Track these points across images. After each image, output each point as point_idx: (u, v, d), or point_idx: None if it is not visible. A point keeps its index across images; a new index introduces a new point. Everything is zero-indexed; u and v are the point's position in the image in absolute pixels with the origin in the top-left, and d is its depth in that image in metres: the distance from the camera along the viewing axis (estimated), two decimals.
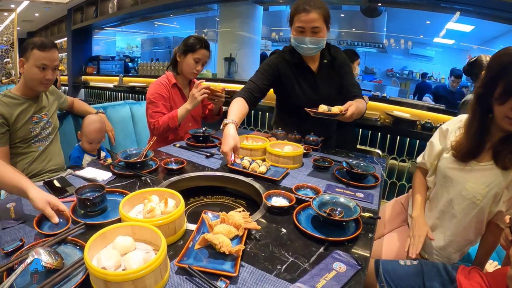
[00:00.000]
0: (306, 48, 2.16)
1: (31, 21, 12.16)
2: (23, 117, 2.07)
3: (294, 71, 2.30)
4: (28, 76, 2.06)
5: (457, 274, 1.37)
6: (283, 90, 2.36)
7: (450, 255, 1.64)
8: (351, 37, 8.79)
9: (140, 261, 0.87)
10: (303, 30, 2.10)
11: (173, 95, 2.60)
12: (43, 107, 2.22)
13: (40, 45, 2.01)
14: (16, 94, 2.09)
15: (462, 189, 1.56)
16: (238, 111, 1.98)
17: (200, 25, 10.15)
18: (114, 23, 10.16)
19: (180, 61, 2.58)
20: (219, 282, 0.90)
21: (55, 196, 1.28)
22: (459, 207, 1.58)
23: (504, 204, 1.48)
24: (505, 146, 1.44)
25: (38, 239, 1.07)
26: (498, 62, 1.39)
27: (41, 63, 2.02)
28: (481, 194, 1.49)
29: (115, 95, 7.90)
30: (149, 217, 1.08)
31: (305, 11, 2.05)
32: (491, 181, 1.47)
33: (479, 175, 1.51)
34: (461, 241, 1.62)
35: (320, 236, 1.16)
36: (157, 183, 1.57)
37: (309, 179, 1.76)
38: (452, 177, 1.61)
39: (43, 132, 2.20)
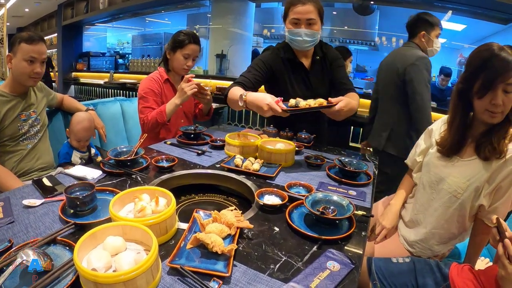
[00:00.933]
0: (301, 41, 2.14)
1: (21, 16, 12.06)
2: (11, 114, 2.03)
3: (287, 67, 2.28)
4: (17, 71, 2.02)
5: (450, 271, 1.38)
6: (276, 87, 2.31)
7: (432, 247, 1.65)
8: (343, 34, 8.80)
9: (131, 262, 0.85)
10: (298, 21, 2.10)
11: (165, 91, 2.58)
12: (32, 104, 2.18)
13: (28, 38, 1.99)
14: (4, 91, 2.05)
15: (444, 183, 1.59)
16: (240, 90, 1.95)
17: (192, 21, 10.12)
18: (105, 19, 10.12)
19: (170, 58, 2.55)
20: (211, 283, 0.89)
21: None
22: (440, 201, 1.61)
23: (485, 198, 1.49)
24: (487, 138, 1.46)
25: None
26: (478, 57, 1.41)
27: (29, 56, 1.99)
28: (462, 188, 1.51)
29: (105, 91, 7.84)
30: (140, 217, 1.06)
31: (301, 2, 2.07)
32: (472, 175, 1.49)
33: (461, 169, 1.54)
34: (444, 234, 1.63)
35: (313, 235, 1.15)
36: (148, 181, 1.56)
37: (301, 176, 1.75)
38: (435, 172, 1.64)
39: (31, 129, 2.16)
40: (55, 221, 1.19)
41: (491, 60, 1.35)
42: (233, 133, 2.09)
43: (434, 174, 1.65)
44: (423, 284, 1.38)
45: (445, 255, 1.74)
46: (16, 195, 1.38)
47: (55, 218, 1.21)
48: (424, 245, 1.66)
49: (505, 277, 1.09)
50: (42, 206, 1.29)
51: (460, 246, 1.87)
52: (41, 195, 1.39)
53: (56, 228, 1.13)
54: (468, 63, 1.47)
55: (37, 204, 1.29)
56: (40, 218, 1.21)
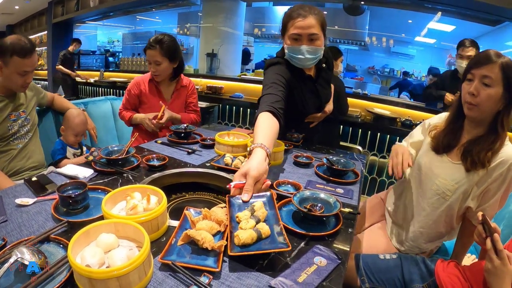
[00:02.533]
0: (303, 59, 1.98)
1: (11, 13, 11.93)
2: (0, 115, 2.02)
3: (297, 79, 2.11)
4: (9, 81, 2.00)
5: (435, 267, 1.42)
6: (288, 99, 1.92)
7: (420, 245, 1.70)
8: (334, 34, 8.83)
9: (124, 258, 0.88)
10: (299, 37, 1.93)
11: (148, 90, 2.66)
12: (21, 104, 2.16)
13: (20, 51, 1.92)
14: None
15: (432, 184, 1.64)
16: (267, 128, 1.52)
17: (183, 20, 10.09)
18: (95, 16, 10.04)
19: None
20: (202, 278, 0.91)
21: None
22: (429, 201, 1.65)
23: (473, 201, 1.54)
24: (472, 148, 1.51)
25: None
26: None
27: (22, 71, 1.97)
28: (450, 191, 1.56)
29: (95, 90, 7.79)
30: (132, 214, 1.09)
31: (301, 16, 1.89)
32: (460, 178, 1.54)
33: (450, 172, 1.58)
34: (432, 233, 1.68)
35: (301, 231, 1.18)
36: (139, 180, 1.57)
37: (290, 175, 1.78)
38: (426, 172, 1.69)
39: (21, 129, 2.15)
40: (48, 220, 1.20)
41: (478, 55, 1.48)
42: (223, 132, 2.11)
43: (425, 174, 1.69)
44: (410, 279, 1.42)
45: (433, 251, 1.78)
46: (8, 194, 1.39)
47: (47, 216, 1.23)
48: (412, 243, 1.70)
49: (491, 270, 1.13)
50: (35, 205, 1.30)
51: (447, 243, 1.92)
52: (34, 194, 1.40)
53: (49, 227, 1.14)
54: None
55: (29, 203, 1.30)
56: (33, 216, 1.22)
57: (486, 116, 1.49)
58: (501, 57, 1.41)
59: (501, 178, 1.46)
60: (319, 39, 1.94)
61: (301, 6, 1.92)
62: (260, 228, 1.03)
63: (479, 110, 1.47)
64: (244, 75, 6.46)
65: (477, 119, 1.52)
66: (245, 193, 1.18)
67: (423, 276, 1.42)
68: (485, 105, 1.45)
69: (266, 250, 0.97)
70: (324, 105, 2.31)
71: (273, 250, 0.98)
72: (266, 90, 1.82)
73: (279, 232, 1.03)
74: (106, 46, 12.83)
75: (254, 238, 0.99)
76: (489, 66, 1.41)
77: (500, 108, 1.45)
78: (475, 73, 1.46)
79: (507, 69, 1.39)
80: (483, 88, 1.43)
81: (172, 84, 2.75)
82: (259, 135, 1.44)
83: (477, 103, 1.45)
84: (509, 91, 1.40)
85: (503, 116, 1.46)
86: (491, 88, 1.41)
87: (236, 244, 0.98)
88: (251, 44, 10.43)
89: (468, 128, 1.59)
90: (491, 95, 1.42)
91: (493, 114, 1.48)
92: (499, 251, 1.11)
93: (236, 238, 0.98)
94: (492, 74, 1.40)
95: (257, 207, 1.13)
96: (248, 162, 1.27)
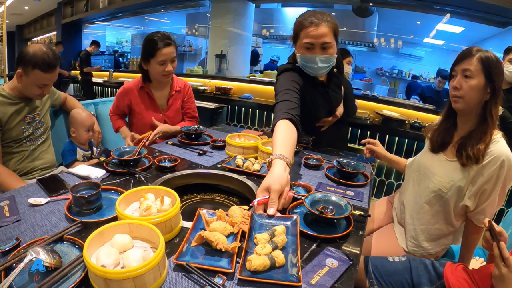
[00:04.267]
0: (316, 68, 1.95)
1: (21, 14, 12.02)
2: (16, 117, 2.02)
3: (310, 85, 2.09)
4: (27, 90, 1.99)
5: (444, 270, 1.41)
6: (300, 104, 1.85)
7: (422, 243, 1.70)
8: (342, 36, 8.80)
9: (139, 258, 0.88)
10: (312, 46, 1.89)
11: (139, 99, 2.49)
12: (36, 107, 2.16)
13: (43, 65, 1.89)
14: (10, 93, 2.01)
15: (429, 182, 1.67)
16: (286, 138, 1.49)
17: (191, 20, 10.13)
18: (104, 17, 10.11)
19: (146, 69, 2.40)
20: (216, 279, 0.92)
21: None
22: (426, 198, 1.69)
23: (469, 200, 1.56)
24: (466, 144, 1.55)
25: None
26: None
27: (42, 84, 1.96)
28: (446, 188, 1.60)
29: (105, 90, 7.84)
30: (146, 215, 1.10)
31: (314, 24, 1.83)
32: (455, 176, 1.58)
33: (446, 170, 1.62)
34: (432, 231, 1.69)
35: (313, 233, 1.19)
36: (151, 181, 1.58)
37: (300, 177, 1.79)
38: (424, 171, 1.74)
39: (35, 132, 2.16)
40: (61, 220, 1.21)
41: (460, 53, 1.57)
42: (234, 134, 2.11)
43: (423, 173, 1.74)
44: (418, 282, 1.42)
45: (440, 254, 1.77)
46: (21, 193, 1.40)
47: (61, 216, 1.24)
48: (414, 242, 1.71)
49: (499, 277, 1.13)
50: (48, 205, 1.32)
51: (455, 247, 1.91)
52: (46, 194, 1.41)
53: (62, 227, 1.16)
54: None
55: (42, 203, 1.32)
56: (46, 216, 1.23)
57: (472, 107, 1.55)
58: (480, 51, 1.50)
59: (495, 176, 1.48)
60: (332, 47, 1.91)
61: (313, 13, 1.89)
62: (275, 256, 0.99)
63: (465, 101, 1.54)
64: (253, 76, 6.46)
65: (464, 111, 1.58)
66: (270, 207, 1.16)
67: (432, 279, 1.42)
68: (469, 96, 1.52)
69: (276, 281, 0.94)
70: (334, 109, 2.31)
71: (283, 282, 0.93)
72: (282, 96, 1.78)
73: (294, 264, 1.00)
74: (115, 46, 12.91)
75: (266, 266, 0.96)
76: (468, 60, 1.50)
77: (486, 98, 1.51)
78: (457, 69, 1.55)
79: (485, 60, 1.47)
80: (464, 81, 1.51)
81: (166, 89, 2.57)
82: (277, 145, 1.41)
83: (461, 95, 1.53)
84: (490, 80, 1.48)
85: (491, 105, 1.51)
86: (472, 79, 1.50)
87: (247, 268, 0.96)
88: (260, 45, 10.43)
89: (461, 125, 1.65)
90: (473, 85, 1.49)
91: (481, 105, 1.54)
92: (505, 259, 1.10)
93: (248, 262, 0.96)
94: (471, 66, 1.49)
95: (278, 232, 1.10)
96: (268, 175, 1.26)
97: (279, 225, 1.14)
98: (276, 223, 1.17)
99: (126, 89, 2.50)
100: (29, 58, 1.88)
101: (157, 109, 2.54)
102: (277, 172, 1.25)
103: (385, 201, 2.15)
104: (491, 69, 1.47)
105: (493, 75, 1.47)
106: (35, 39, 13.85)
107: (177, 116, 2.65)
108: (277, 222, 1.17)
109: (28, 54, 1.88)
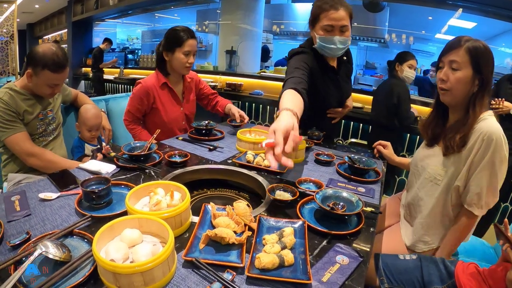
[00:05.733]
0: (335, 49, 2.04)
1: (31, 12, 12.12)
2: (29, 113, 2.00)
3: (321, 70, 2.16)
4: (37, 90, 1.98)
5: (455, 269, 1.39)
6: (310, 90, 1.84)
7: (422, 238, 1.67)
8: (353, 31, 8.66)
9: (148, 253, 0.88)
10: (332, 29, 1.98)
11: (161, 97, 2.46)
12: (49, 103, 2.16)
13: (52, 66, 1.87)
14: (22, 90, 1.99)
15: (425, 172, 1.67)
16: (292, 99, 1.50)
17: (201, 17, 10.11)
18: (114, 14, 10.13)
19: (168, 59, 2.41)
20: (225, 274, 0.91)
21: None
22: (424, 190, 1.67)
23: (461, 180, 1.53)
24: (447, 133, 1.56)
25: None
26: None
27: (53, 84, 1.95)
28: (441, 175, 1.58)
29: (115, 87, 7.88)
30: (156, 210, 1.09)
31: (334, 8, 1.94)
32: (447, 162, 1.57)
33: (439, 158, 1.61)
34: (431, 223, 1.65)
35: (323, 230, 1.17)
36: (161, 176, 1.58)
37: (311, 173, 1.77)
38: (421, 165, 1.73)
39: (47, 128, 2.16)
40: (71, 214, 1.22)
41: (448, 42, 1.55)
42: (245, 129, 2.11)
43: (421, 167, 1.73)
44: (429, 281, 1.39)
45: (435, 245, 1.74)
46: (31, 188, 1.41)
47: (71, 211, 1.24)
48: (414, 237, 1.68)
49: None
50: (58, 200, 1.33)
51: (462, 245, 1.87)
52: (57, 188, 1.42)
53: (72, 221, 1.16)
54: None
55: (53, 198, 1.33)
56: (57, 211, 1.24)
57: (460, 99, 1.53)
58: (469, 41, 1.47)
59: (481, 150, 1.45)
60: (348, 30, 2.02)
61: None
62: (284, 255, 0.98)
63: (452, 94, 1.53)
64: (263, 72, 6.44)
65: (452, 103, 1.57)
66: (277, 147, 1.11)
67: (443, 278, 1.39)
68: (456, 89, 1.50)
69: (285, 279, 0.92)
70: (345, 99, 2.37)
71: (292, 280, 0.92)
72: (290, 74, 1.83)
73: (304, 263, 0.99)
74: (125, 43, 12.96)
75: (275, 264, 0.95)
76: (455, 51, 1.48)
77: (474, 90, 1.49)
78: (444, 60, 1.53)
79: (473, 50, 1.44)
80: (451, 73, 1.49)
81: (180, 83, 2.58)
82: (284, 104, 1.36)
83: (448, 87, 1.52)
84: (478, 72, 1.45)
85: (475, 97, 1.49)
86: (459, 71, 1.48)
87: (256, 266, 0.95)
88: (270, 41, 10.39)
89: (451, 116, 1.64)
90: (460, 78, 1.47)
91: (468, 97, 1.51)
92: None
93: (257, 260, 0.95)
94: (458, 58, 1.46)
95: (286, 233, 1.09)
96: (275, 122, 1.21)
97: (287, 227, 1.14)
98: (284, 225, 1.17)
99: (147, 87, 2.40)
100: (38, 59, 1.87)
101: (179, 103, 2.55)
102: (283, 118, 1.22)
103: (396, 198, 2.13)
104: (480, 60, 1.44)
105: (481, 66, 1.45)
106: (46, 37, 13.95)
107: (192, 108, 2.68)
108: (285, 225, 1.17)
109: (38, 54, 1.87)
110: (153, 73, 2.49)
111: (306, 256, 1.00)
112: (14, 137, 1.92)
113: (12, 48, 7.19)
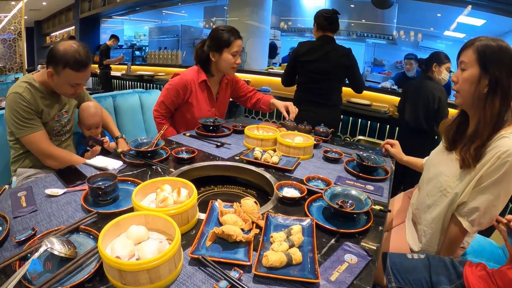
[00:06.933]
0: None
1: (39, 9, 12.20)
2: (47, 113, 1.96)
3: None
4: (59, 89, 1.93)
5: (464, 269, 1.37)
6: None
7: (425, 247, 1.62)
8: (361, 28, 8.71)
9: (154, 250, 0.87)
10: None
11: (197, 93, 2.43)
12: (64, 104, 2.12)
13: (74, 64, 1.78)
14: (41, 87, 1.93)
15: (437, 181, 1.58)
16: None
17: (209, 14, 10.12)
18: (122, 11, 10.19)
19: (215, 60, 2.36)
20: (232, 272, 0.90)
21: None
22: (432, 199, 1.60)
23: (465, 193, 1.45)
24: (465, 143, 1.45)
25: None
26: None
27: (75, 83, 1.88)
28: (451, 187, 1.49)
29: (123, 83, 7.90)
30: (162, 207, 1.08)
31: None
32: (460, 175, 1.47)
33: (453, 168, 1.51)
34: (433, 234, 1.59)
35: (332, 228, 1.16)
36: (168, 172, 1.57)
37: (319, 170, 1.75)
38: (433, 170, 1.65)
39: (62, 129, 2.13)
40: (77, 210, 1.21)
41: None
42: (252, 126, 2.09)
43: (433, 172, 1.65)
44: (437, 281, 1.37)
45: (459, 254, 1.72)
46: (38, 184, 1.41)
47: (77, 207, 1.24)
48: (418, 244, 1.65)
49: None
50: (64, 196, 1.32)
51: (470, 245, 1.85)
52: (63, 184, 1.41)
53: (78, 217, 1.15)
54: None
55: (59, 194, 1.32)
56: (63, 207, 1.24)
57: (468, 101, 1.45)
58: (480, 40, 1.39)
59: (493, 167, 1.34)
60: None
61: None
62: (292, 253, 0.97)
63: (461, 95, 1.46)
64: (271, 68, 6.43)
65: (463, 106, 1.51)
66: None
67: (451, 278, 1.37)
68: (463, 89, 1.44)
69: (293, 277, 0.91)
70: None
71: (300, 279, 0.91)
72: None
73: (312, 262, 0.97)
74: (132, 40, 13.00)
75: (283, 262, 0.94)
76: (465, 51, 1.42)
77: (483, 91, 1.38)
78: (458, 61, 1.47)
79: (481, 49, 1.36)
80: (460, 74, 1.44)
81: (218, 82, 2.56)
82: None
83: (457, 89, 1.47)
84: (486, 70, 1.35)
85: (485, 100, 1.38)
86: (466, 71, 1.41)
87: (264, 264, 0.93)
88: (278, 38, 10.36)
89: (470, 124, 1.52)
90: (466, 77, 1.41)
91: (477, 100, 1.41)
92: None
93: (264, 258, 0.94)
94: (465, 58, 1.41)
95: (294, 231, 1.08)
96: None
97: (295, 225, 1.12)
98: (292, 223, 1.16)
99: (186, 80, 2.38)
100: (59, 58, 1.78)
101: (212, 103, 2.53)
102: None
103: (404, 196, 2.10)
104: (488, 57, 1.34)
105: (489, 64, 1.34)
106: (54, 34, 14.03)
107: (223, 108, 2.67)
108: (293, 223, 1.16)
109: (59, 53, 1.78)
110: (193, 68, 2.47)
111: (314, 255, 0.99)
112: (31, 136, 1.88)
113: (19, 45, 7.22)
